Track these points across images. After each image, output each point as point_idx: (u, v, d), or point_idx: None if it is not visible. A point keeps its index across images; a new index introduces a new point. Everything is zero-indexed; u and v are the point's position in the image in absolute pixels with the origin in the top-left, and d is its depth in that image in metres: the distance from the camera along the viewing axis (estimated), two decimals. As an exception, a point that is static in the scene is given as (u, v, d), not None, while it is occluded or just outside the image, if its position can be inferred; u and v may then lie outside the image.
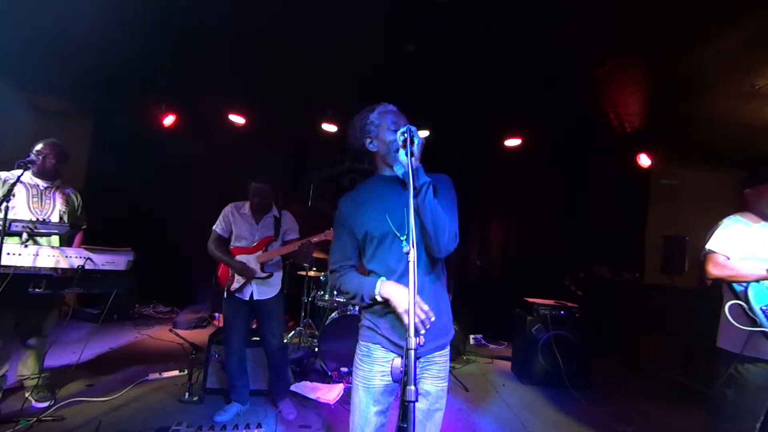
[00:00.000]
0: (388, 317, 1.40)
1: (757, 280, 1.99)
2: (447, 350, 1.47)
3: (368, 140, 1.49)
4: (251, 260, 2.77)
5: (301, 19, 3.21)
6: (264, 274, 2.76)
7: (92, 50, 3.72)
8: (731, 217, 2.19)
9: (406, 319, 1.24)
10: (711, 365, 2.22)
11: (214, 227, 2.87)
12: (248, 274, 2.72)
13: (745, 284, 2.02)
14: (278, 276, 2.87)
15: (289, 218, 2.94)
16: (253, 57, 3.91)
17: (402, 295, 1.30)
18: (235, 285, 2.75)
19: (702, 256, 2.20)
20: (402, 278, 1.38)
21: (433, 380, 1.42)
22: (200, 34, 3.54)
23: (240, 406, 2.78)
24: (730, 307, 2.04)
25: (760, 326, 1.95)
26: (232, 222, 2.84)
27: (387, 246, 1.42)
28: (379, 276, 1.41)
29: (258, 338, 3.16)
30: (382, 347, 1.41)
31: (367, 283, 1.38)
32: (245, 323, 2.88)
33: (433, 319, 1.29)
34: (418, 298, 1.23)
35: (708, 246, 2.15)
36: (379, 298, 1.35)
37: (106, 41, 3.55)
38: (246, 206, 2.87)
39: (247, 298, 2.75)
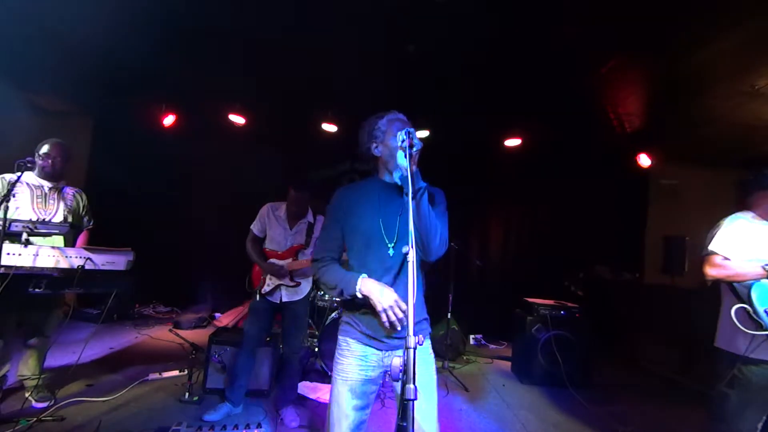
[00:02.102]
0: (367, 316, 1.46)
1: (756, 280, 1.97)
2: (426, 345, 1.52)
3: (374, 145, 1.55)
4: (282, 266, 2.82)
5: (301, 19, 3.21)
6: (292, 283, 2.81)
7: (93, 50, 3.72)
8: (733, 216, 2.15)
9: (383, 318, 1.33)
10: (711, 365, 2.20)
11: (251, 226, 2.91)
12: (279, 273, 2.77)
13: (747, 285, 1.99)
14: (306, 281, 2.92)
15: (321, 223, 2.93)
16: (254, 57, 3.91)
17: (382, 294, 1.35)
18: (266, 288, 2.80)
19: (702, 257, 2.16)
20: (381, 280, 1.43)
21: (426, 371, 1.47)
22: (200, 34, 3.54)
23: (232, 407, 2.76)
24: (737, 311, 1.99)
25: (765, 329, 1.91)
26: (267, 223, 2.87)
27: (372, 247, 1.48)
28: (359, 272, 1.44)
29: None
30: (359, 342, 1.48)
31: (349, 278, 1.42)
32: (266, 327, 2.91)
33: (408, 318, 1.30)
34: (397, 297, 1.33)
35: (710, 247, 2.10)
36: (359, 295, 1.39)
37: (106, 41, 3.55)
38: (282, 208, 2.89)
39: (278, 302, 2.82)
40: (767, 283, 1.96)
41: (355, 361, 1.47)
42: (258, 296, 2.83)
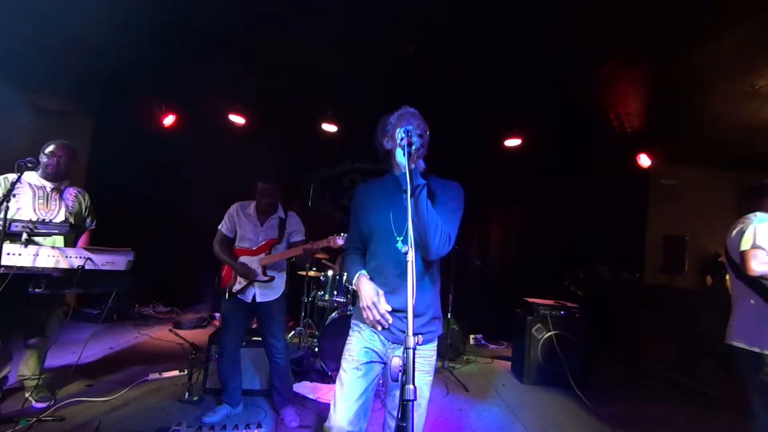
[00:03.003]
0: None
1: None
2: (434, 345, 1.56)
3: (385, 139, 1.58)
4: (254, 262, 2.74)
5: (301, 19, 3.21)
6: (265, 278, 2.74)
7: (92, 50, 3.72)
8: (757, 214, 2.13)
9: (364, 314, 1.44)
10: (725, 367, 2.14)
11: (219, 227, 2.84)
12: (249, 276, 2.69)
13: None
14: (281, 278, 2.85)
15: (294, 219, 2.90)
16: (253, 57, 3.91)
17: (366, 293, 1.45)
18: (237, 287, 2.72)
19: (741, 253, 2.09)
20: (401, 277, 1.45)
21: (418, 373, 1.46)
22: (200, 34, 3.54)
23: (230, 408, 2.75)
24: None
25: None
26: (237, 222, 2.81)
27: (382, 240, 1.52)
28: (371, 265, 1.56)
29: (258, 338, 3.16)
30: (369, 328, 1.53)
31: (352, 272, 1.57)
32: (242, 325, 2.85)
33: (390, 321, 1.44)
34: (381, 298, 1.42)
35: (758, 242, 2.03)
36: (353, 288, 1.52)
37: (106, 41, 3.55)
38: (251, 206, 2.84)
39: (249, 301, 2.73)
40: None
41: (362, 343, 1.53)
42: (228, 295, 2.75)
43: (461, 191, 1.60)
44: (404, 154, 1.31)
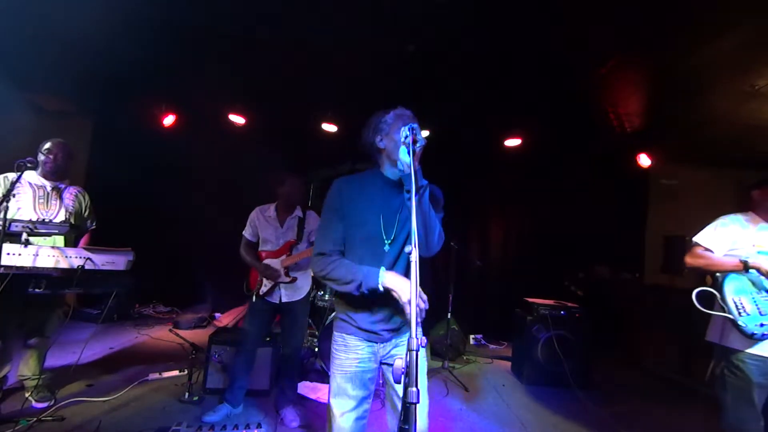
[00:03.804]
0: (361, 312, 1.49)
1: (731, 271, 2.06)
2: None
3: (379, 138, 1.54)
4: (276, 264, 2.80)
5: (301, 19, 3.21)
6: (287, 279, 2.79)
7: (93, 50, 3.72)
8: (730, 215, 2.21)
9: (407, 309, 1.30)
10: (711, 365, 2.25)
11: (243, 232, 2.92)
12: (273, 276, 2.76)
13: (722, 275, 2.10)
14: (305, 279, 2.90)
15: (313, 218, 2.95)
16: (253, 57, 3.91)
17: (406, 286, 1.34)
18: (264, 289, 2.79)
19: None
20: None
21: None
22: (200, 34, 3.54)
23: (231, 408, 2.76)
24: (697, 293, 2.11)
25: (728, 313, 2.03)
26: (258, 226, 2.88)
27: (369, 243, 1.49)
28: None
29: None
30: (357, 337, 1.51)
31: (368, 273, 1.39)
32: (265, 327, 2.92)
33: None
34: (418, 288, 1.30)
35: (694, 238, 2.22)
36: (381, 288, 1.37)
37: (106, 41, 3.55)
38: (271, 209, 2.90)
39: (277, 302, 2.80)
40: (742, 276, 2.05)
41: (351, 355, 1.50)
42: (255, 297, 2.82)
43: (441, 192, 1.61)
44: (408, 153, 1.30)
